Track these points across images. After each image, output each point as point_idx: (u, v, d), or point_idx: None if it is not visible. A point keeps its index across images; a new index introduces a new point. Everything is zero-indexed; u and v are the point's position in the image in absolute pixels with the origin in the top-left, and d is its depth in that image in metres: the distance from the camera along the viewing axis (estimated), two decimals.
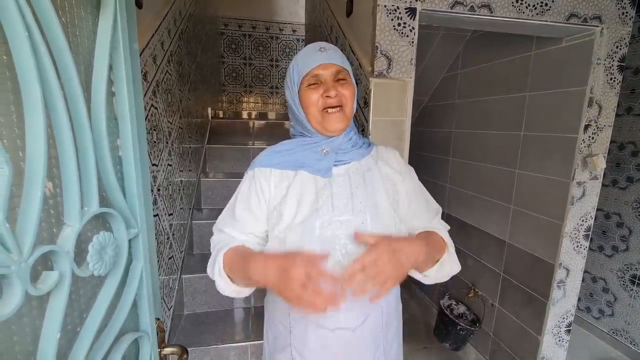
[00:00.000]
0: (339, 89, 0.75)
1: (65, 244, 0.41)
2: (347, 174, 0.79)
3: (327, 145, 0.79)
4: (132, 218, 0.55)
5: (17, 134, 0.36)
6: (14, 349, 0.37)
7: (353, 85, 0.79)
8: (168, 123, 1.57)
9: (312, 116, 0.77)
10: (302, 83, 0.76)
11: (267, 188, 0.78)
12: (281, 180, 0.78)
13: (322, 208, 0.74)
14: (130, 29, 0.55)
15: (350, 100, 0.77)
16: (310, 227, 0.73)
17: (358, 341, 0.77)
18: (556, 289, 1.58)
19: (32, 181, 0.36)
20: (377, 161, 0.83)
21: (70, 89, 0.41)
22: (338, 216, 0.74)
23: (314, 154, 0.79)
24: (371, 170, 0.81)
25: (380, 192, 0.78)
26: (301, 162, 0.79)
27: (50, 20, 0.37)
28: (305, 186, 0.77)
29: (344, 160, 0.80)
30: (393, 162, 0.85)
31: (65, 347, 0.44)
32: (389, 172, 0.82)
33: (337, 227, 0.74)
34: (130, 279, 0.56)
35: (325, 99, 0.75)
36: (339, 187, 0.77)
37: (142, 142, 0.60)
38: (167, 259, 1.52)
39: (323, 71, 0.75)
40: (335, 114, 0.76)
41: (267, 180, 0.78)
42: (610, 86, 1.40)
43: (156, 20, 1.44)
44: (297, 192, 0.76)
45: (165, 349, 0.68)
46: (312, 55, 0.76)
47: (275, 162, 0.80)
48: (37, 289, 0.36)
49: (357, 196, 0.76)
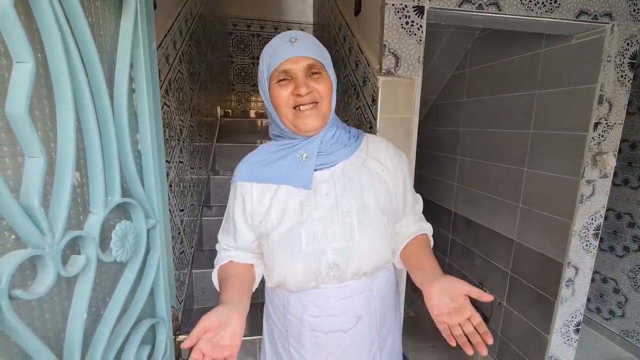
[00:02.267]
0: (311, 84, 0.68)
1: (91, 230, 0.43)
2: (332, 178, 0.73)
3: (305, 148, 0.73)
4: (151, 209, 0.58)
5: (49, 126, 0.39)
6: (46, 325, 0.39)
7: (330, 79, 0.71)
8: (180, 121, 1.61)
9: (284, 116, 0.71)
10: (272, 79, 0.69)
11: (250, 202, 0.75)
12: (263, 194, 0.74)
13: (307, 220, 0.71)
14: (150, 30, 0.57)
15: (327, 95, 0.70)
16: (296, 243, 0.71)
17: (351, 341, 0.78)
18: (565, 288, 1.57)
19: (62, 170, 0.39)
20: (366, 159, 0.77)
21: (95, 86, 0.44)
22: (323, 229, 0.71)
23: (292, 163, 0.73)
24: (359, 170, 0.75)
25: (368, 194, 0.74)
26: (281, 174, 0.73)
27: (79, 21, 0.40)
28: (289, 197, 0.73)
29: (327, 164, 0.74)
30: (383, 158, 0.78)
31: (90, 329, 0.47)
32: (378, 169, 0.77)
33: (323, 240, 0.71)
34: (148, 267, 0.59)
35: (296, 96, 0.68)
36: (323, 195, 0.72)
37: (160, 137, 0.63)
38: (179, 254, 1.56)
39: (293, 65, 0.67)
40: (308, 112, 0.69)
41: (249, 194, 0.75)
42: (621, 84, 1.39)
43: (169, 20, 1.48)
44: (280, 205, 0.73)
45: (180, 336, 0.71)
46: (281, 48, 0.68)
47: (255, 175, 0.75)
48: (67, 271, 0.39)
49: (343, 204, 0.72)
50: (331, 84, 0.71)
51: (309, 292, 0.75)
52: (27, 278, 0.37)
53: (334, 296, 0.75)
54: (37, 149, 0.34)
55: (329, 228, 0.71)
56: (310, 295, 0.75)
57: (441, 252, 2.57)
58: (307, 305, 0.76)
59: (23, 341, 0.34)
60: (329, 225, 0.71)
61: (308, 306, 0.76)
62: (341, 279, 0.74)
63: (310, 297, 0.76)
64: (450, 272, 2.48)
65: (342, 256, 0.71)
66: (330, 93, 0.71)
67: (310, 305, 0.76)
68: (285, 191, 0.73)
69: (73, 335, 0.42)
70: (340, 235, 0.71)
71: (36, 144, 0.34)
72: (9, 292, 0.32)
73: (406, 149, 1.32)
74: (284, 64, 0.67)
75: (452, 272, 2.46)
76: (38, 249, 0.35)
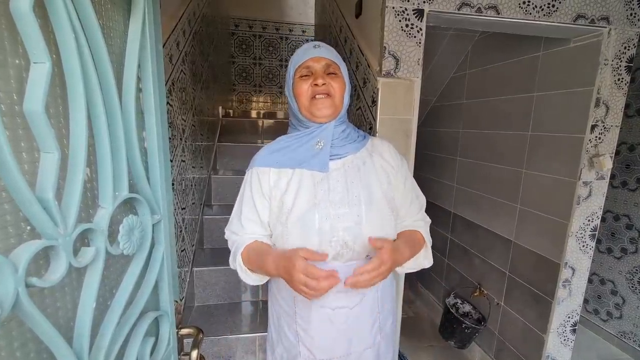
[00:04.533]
0: (327, 80, 0.81)
1: (100, 223, 0.45)
2: (343, 167, 0.84)
3: (319, 135, 0.84)
4: (156, 204, 0.60)
5: (62, 124, 0.41)
6: (57, 314, 0.41)
7: (344, 81, 0.84)
8: (182, 120, 1.63)
9: (302, 104, 0.83)
10: (295, 74, 0.83)
11: (267, 186, 0.84)
12: (280, 178, 0.84)
13: (321, 202, 0.80)
14: (157, 32, 0.59)
15: (339, 92, 0.82)
16: (310, 221, 0.79)
17: (356, 317, 0.86)
18: (561, 288, 1.59)
19: (75, 166, 0.41)
20: (372, 154, 0.88)
21: (106, 86, 0.46)
22: (335, 210, 0.80)
23: (310, 150, 0.84)
24: (366, 163, 0.86)
25: (374, 184, 0.84)
26: (298, 159, 0.84)
27: (91, 24, 0.42)
28: (304, 181, 0.82)
29: (339, 155, 0.85)
30: (387, 155, 0.89)
31: (98, 318, 0.49)
32: (383, 164, 0.87)
33: (334, 220, 0.80)
34: (153, 261, 0.61)
35: (314, 87, 0.80)
36: (335, 181, 0.82)
37: (165, 136, 0.65)
38: (180, 252, 1.58)
39: (314, 63, 0.81)
40: (322, 100, 0.81)
41: (267, 179, 0.84)
42: (618, 87, 1.41)
43: (172, 21, 1.50)
44: (295, 188, 0.82)
45: (183, 330, 0.73)
46: (307, 50, 0.83)
47: (274, 161, 0.85)
48: (78, 262, 0.41)
49: (352, 190, 0.82)
50: (344, 86, 0.84)
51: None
52: (40, 268, 0.39)
53: (343, 273, 0.78)
54: (52, 145, 0.36)
55: (340, 209, 0.80)
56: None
57: (440, 253, 2.59)
58: None
59: (37, 327, 0.36)
60: (340, 206, 0.80)
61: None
62: (349, 257, 0.81)
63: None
64: (448, 272, 2.50)
65: (350, 234, 0.80)
66: (343, 92, 0.83)
67: None
68: (299, 176, 0.82)
69: (82, 324, 0.43)
70: (349, 217, 0.80)
71: (51, 140, 0.36)
72: (25, 279, 0.34)
73: (405, 149, 1.34)
74: (307, 61, 0.81)
75: (451, 272, 2.48)
76: (52, 240, 0.37)
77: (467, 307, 2.22)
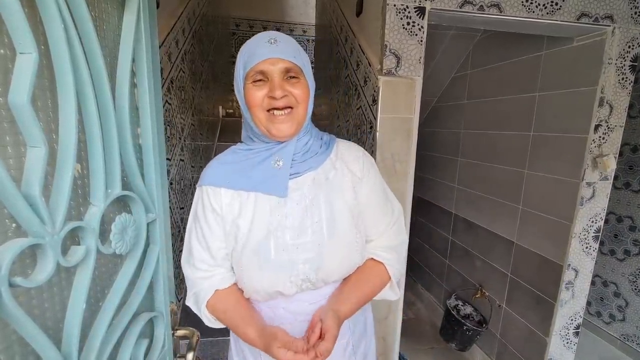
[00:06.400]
0: (288, 88, 0.66)
1: (91, 221, 0.44)
2: (304, 187, 0.72)
3: (279, 154, 0.71)
4: (151, 203, 0.58)
5: (51, 117, 0.39)
6: (45, 314, 0.40)
7: (307, 84, 0.69)
8: (181, 119, 1.62)
9: (257, 118, 0.68)
10: (247, 78, 0.67)
11: (219, 207, 0.73)
12: (232, 200, 0.72)
13: (277, 230, 0.70)
14: (152, 25, 0.58)
15: (303, 101, 0.68)
16: (265, 251, 0.69)
17: None
18: (564, 290, 1.57)
19: (64, 161, 0.39)
20: (335, 164, 0.75)
21: (97, 79, 0.45)
22: (294, 238, 0.70)
23: (267, 170, 0.71)
24: (329, 178, 0.74)
25: (338, 203, 0.73)
26: (254, 180, 0.71)
27: (82, 14, 0.40)
28: (259, 206, 0.71)
29: (299, 172, 0.72)
30: (352, 164, 0.76)
31: (89, 319, 0.47)
32: (348, 176, 0.75)
33: (293, 251, 0.70)
34: (148, 261, 0.59)
35: (271, 99, 0.66)
36: (295, 204, 0.71)
37: (160, 133, 0.64)
38: (178, 252, 1.56)
39: (270, 66, 0.65)
40: (282, 117, 0.67)
41: (218, 200, 0.73)
42: (622, 86, 1.39)
43: (171, 19, 1.49)
44: (250, 213, 0.71)
45: (179, 331, 0.71)
46: (260, 47, 0.65)
47: (226, 180, 0.73)
48: (66, 261, 0.40)
49: (313, 213, 0.71)
50: (308, 90, 0.69)
51: (280, 299, 0.74)
52: (27, 267, 0.37)
53: (307, 300, 0.74)
54: (39, 139, 0.35)
55: (299, 238, 0.70)
56: (282, 301, 0.74)
57: (441, 254, 2.57)
58: (280, 312, 0.75)
59: (22, 328, 0.35)
60: (299, 235, 0.70)
61: (281, 313, 0.75)
62: (310, 289, 0.73)
63: (283, 303, 0.74)
64: (449, 273, 2.48)
65: (312, 267, 0.71)
66: (307, 99, 0.69)
67: (282, 312, 0.75)
68: (254, 199, 0.71)
69: (71, 325, 0.42)
70: (310, 246, 0.70)
71: (38, 134, 0.35)
72: (9, 279, 0.33)
73: (406, 149, 1.32)
74: (261, 64, 0.65)
75: (452, 273, 2.46)
76: (38, 238, 0.35)
77: (469, 309, 2.20)
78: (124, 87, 0.50)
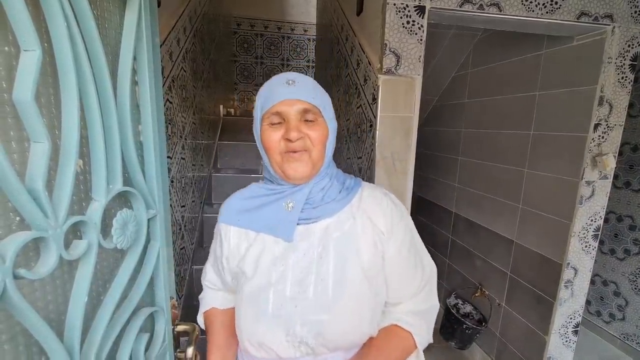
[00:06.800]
0: (304, 130, 0.63)
1: (93, 216, 0.45)
2: (313, 237, 0.66)
3: (291, 196, 0.67)
4: (151, 199, 0.59)
5: (54, 114, 0.40)
6: (48, 307, 0.41)
7: (325, 126, 0.66)
8: (182, 118, 1.63)
9: (273, 160, 0.66)
10: (264, 120, 0.65)
11: (227, 246, 0.72)
12: (240, 240, 0.71)
13: (278, 282, 0.64)
14: (153, 23, 0.59)
15: (319, 143, 0.64)
16: (263, 301, 0.65)
17: None
18: (564, 289, 1.58)
19: (66, 156, 0.40)
20: (355, 214, 0.68)
21: (99, 76, 0.45)
22: (295, 293, 0.64)
23: (277, 211, 0.68)
24: (346, 231, 0.66)
25: (351, 261, 0.65)
26: (263, 221, 0.69)
27: (84, 13, 0.41)
28: (266, 249, 0.67)
29: (310, 218, 0.67)
30: (377, 217, 0.68)
31: (91, 313, 0.48)
32: (369, 230, 0.67)
33: (292, 307, 0.63)
34: (149, 256, 0.60)
35: (286, 142, 0.63)
36: (301, 254, 0.65)
37: (161, 130, 0.64)
38: (179, 249, 1.57)
39: (287, 108, 0.63)
40: (296, 158, 0.64)
41: (228, 237, 0.72)
42: (622, 85, 1.39)
43: (173, 18, 1.49)
44: (254, 258, 0.68)
45: (179, 327, 0.72)
46: (277, 88, 0.64)
47: (237, 218, 0.72)
48: (69, 254, 0.40)
49: (320, 269, 0.64)
50: (327, 131, 0.66)
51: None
52: (30, 260, 0.38)
53: None
54: (42, 135, 0.36)
55: (300, 295, 0.64)
56: None
57: (441, 253, 2.57)
58: None
59: (26, 320, 0.35)
60: (300, 291, 0.64)
61: None
62: (310, 355, 0.65)
63: None
64: (449, 272, 2.49)
65: (310, 331, 0.63)
66: (324, 141, 0.66)
67: None
68: (262, 242, 0.68)
69: (74, 318, 0.43)
70: (312, 306, 0.63)
71: (41, 130, 0.35)
72: (14, 271, 0.33)
73: (406, 147, 1.33)
74: (278, 105, 0.63)
75: (452, 272, 2.46)
76: (41, 231, 0.36)
77: (468, 308, 2.21)
78: (125, 85, 0.51)
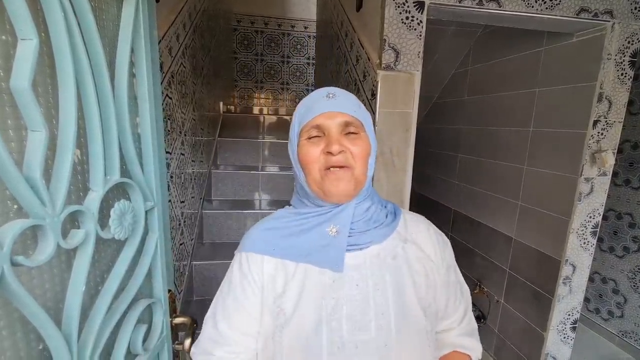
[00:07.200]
0: (346, 144, 0.58)
1: (90, 206, 0.45)
2: (364, 265, 0.59)
3: (334, 219, 0.60)
4: (149, 191, 0.59)
5: (51, 103, 0.41)
6: (45, 295, 0.41)
7: (368, 142, 0.60)
8: (182, 114, 1.63)
9: (311, 177, 0.59)
10: (302, 135, 0.60)
11: (259, 277, 0.60)
12: (277, 272, 0.59)
13: (331, 320, 0.55)
14: (150, 16, 0.59)
15: (361, 159, 0.59)
16: (315, 347, 0.55)
17: None
18: (562, 285, 1.58)
19: (64, 146, 0.40)
20: (405, 242, 0.63)
21: (96, 67, 0.46)
22: (352, 333, 0.55)
23: (320, 237, 0.60)
24: (397, 257, 0.61)
25: (409, 290, 0.59)
26: (303, 249, 0.60)
27: (82, 3, 0.42)
28: (309, 283, 0.58)
29: (359, 245, 0.60)
30: (426, 245, 0.65)
31: (89, 303, 0.48)
32: (420, 257, 0.63)
33: (351, 351, 0.55)
34: (146, 248, 0.60)
35: (327, 156, 0.57)
36: (354, 285, 0.57)
37: (159, 123, 0.65)
38: (179, 245, 1.58)
39: (327, 120, 0.58)
40: (338, 173, 0.57)
41: (259, 268, 0.60)
42: (621, 82, 1.39)
43: (172, 14, 1.49)
44: (297, 291, 0.57)
45: (177, 319, 0.73)
46: (317, 102, 0.60)
47: (270, 246, 0.61)
48: (66, 243, 0.41)
49: (378, 302, 0.57)
50: (369, 148, 0.61)
51: None
52: (28, 248, 0.39)
53: None
54: (40, 123, 0.36)
55: (359, 333, 0.55)
56: None
57: None
58: None
59: (24, 306, 0.36)
60: (360, 328, 0.56)
61: None
62: None
63: None
64: None
65: None
66: (367, 157, 0.60)
67: None
68: (303, 274, 0.58)
69: (72, 306, 0.43)
70: (373, 346, 0.55)
71: (38, 118, 0.36)
72: (11, 258, 0.34)
73: (405, 143, 1.33)
74: (318, 118, 0.58)
75: None
76: (39, 219, 0.37)
77: None
78: (123, 77, 0.51)
